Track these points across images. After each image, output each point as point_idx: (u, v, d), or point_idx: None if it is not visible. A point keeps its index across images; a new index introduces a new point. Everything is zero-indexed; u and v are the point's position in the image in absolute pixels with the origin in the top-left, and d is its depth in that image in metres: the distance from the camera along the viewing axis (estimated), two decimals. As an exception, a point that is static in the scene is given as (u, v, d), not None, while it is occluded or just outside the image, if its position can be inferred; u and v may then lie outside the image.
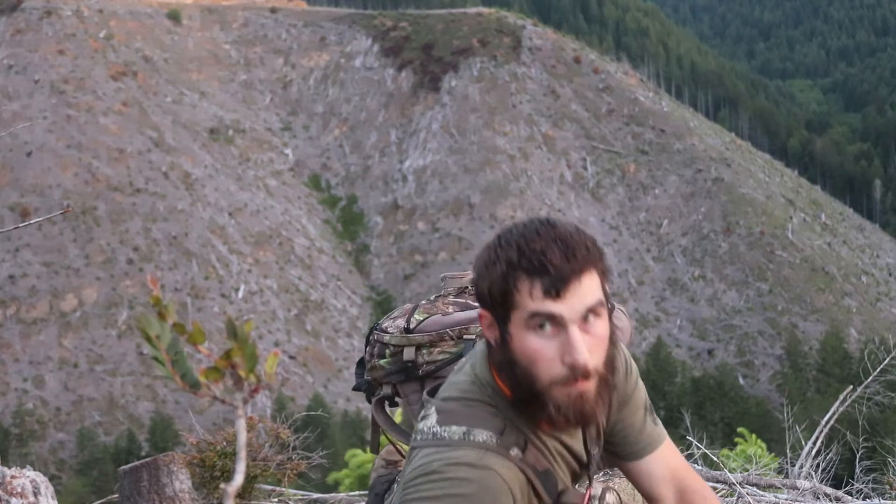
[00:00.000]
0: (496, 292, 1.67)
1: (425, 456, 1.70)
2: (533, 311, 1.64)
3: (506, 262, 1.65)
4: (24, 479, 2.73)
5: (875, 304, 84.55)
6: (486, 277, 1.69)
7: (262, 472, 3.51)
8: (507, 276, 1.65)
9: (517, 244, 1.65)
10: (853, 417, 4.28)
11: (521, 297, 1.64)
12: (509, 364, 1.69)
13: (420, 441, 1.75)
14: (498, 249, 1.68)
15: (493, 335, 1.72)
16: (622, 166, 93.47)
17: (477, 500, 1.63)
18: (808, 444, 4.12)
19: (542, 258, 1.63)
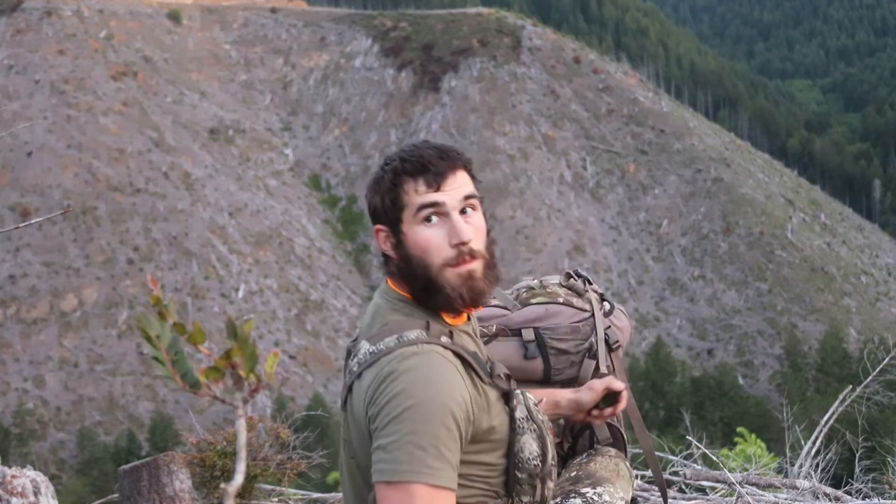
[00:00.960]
0: (387, 200, 1.93)
1: (373, 370, 1.86)
2: (420, 203, 1.91)
3: (392, 172, 1.93)
4: (24, 478, 2.74)
5: (874, 303, 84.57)
6: (377, 192, 1.96)
7: (262, 472, 3.51)
8: (395, 182, 1.92)
9: (399, 156, 1.95)
10: (853, 417, 4.29)
11: (409, 196, 1.91)
12: (406, 261, 1.94)
13: (363, 365, 1.90)
14: (384, 167, 1.96)
15: (389, 244, 1.98)
16: (622, 166, 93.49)
17: (434, 376, 1.82)
18: (808, 443, 4.13)
19: (421, 159, 1.92)
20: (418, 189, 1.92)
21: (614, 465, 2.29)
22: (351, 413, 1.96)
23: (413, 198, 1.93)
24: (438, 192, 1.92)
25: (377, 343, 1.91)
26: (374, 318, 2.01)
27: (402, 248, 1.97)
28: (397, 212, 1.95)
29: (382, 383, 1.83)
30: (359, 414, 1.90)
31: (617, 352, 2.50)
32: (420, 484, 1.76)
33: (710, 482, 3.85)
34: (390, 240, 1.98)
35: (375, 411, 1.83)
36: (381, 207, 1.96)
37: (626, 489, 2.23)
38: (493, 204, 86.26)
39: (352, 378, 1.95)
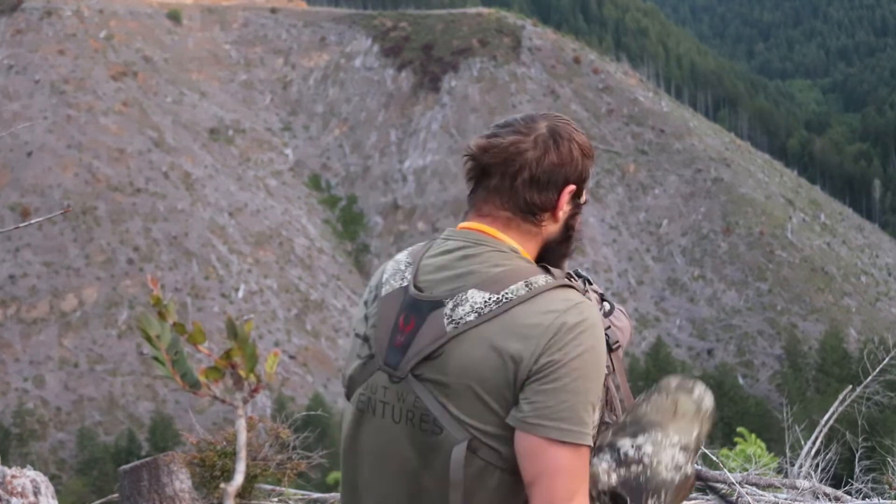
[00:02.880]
0: (589, 169, 2.00)
1: (577, 309, 1.84)
2: (588, 187, 2.04)
3: (583, 154, 1.98)
4: (24, 478, 2.74)
5: (874, 303, 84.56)
6: (589, 157, 2.00)
7: (262, 472, 3.51)
8: (586, 164, 1.98)
9: (582, 142, 2.01)
10: (852, 417, 4.28)
11: (588, 178, 2.00)
12: (566, 228, 2.00)
13: (495, 313, 1.82)
14: (575, 144, 1.98)
15: (568, 206, 1.99)
16: (622, 166, 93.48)
17: (601, 333, 1.88)
18: (808, 443, 4.13)
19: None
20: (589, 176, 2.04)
21: (671, 402, 1.99)
22: (469, 364, 1.81)
23: (589, 181, 2.02)
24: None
25: (501, 290, 1.82)
26: (470, 263, 1.90)
27: (570, 221, 2.00)
28: (583, 182, 1.99)
29: (569, 333, 1.78)
30: (498, 362, 1.78)
31: (617, 352, 2.46)
32: (586, 447, 1.75)
33: (711, 482, 3.84)
34: (570, 203, 1.98)
35: (553, 360, 1.76)
36: (584, 173, 1.98)
37: (686, 429, 1.95)
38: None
39: (467, 326, 1.81)
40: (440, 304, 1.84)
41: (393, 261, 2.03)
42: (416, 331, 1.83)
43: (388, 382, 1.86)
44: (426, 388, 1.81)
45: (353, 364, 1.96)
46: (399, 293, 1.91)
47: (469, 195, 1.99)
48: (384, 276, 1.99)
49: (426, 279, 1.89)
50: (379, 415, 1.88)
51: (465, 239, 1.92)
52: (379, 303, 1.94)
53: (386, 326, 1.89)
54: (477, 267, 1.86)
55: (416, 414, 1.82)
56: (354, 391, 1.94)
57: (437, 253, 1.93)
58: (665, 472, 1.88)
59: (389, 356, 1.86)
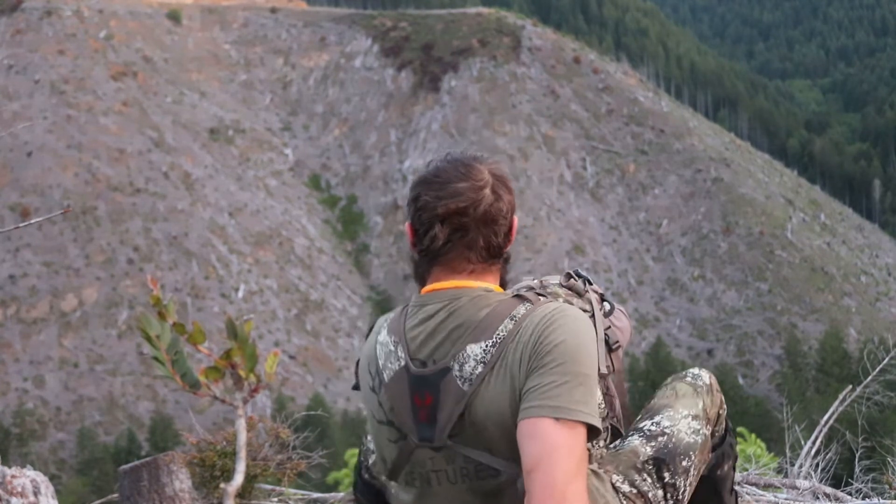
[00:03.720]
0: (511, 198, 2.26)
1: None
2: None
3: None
4: (24, 478, 2.74)
5: (874, 303, 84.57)
6: (510, 191, 2.20)
7: (261, 472, 3.51)
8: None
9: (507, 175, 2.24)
10: (852, 417, 4.28)
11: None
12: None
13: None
14: (507, 180, 2.19)
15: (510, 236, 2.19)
16: (622, 166, 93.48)
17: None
18: (808, 443, 4.13)
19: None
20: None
21: (671, 390, 2.38)
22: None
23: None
24: None
25: (493, 334, 2.02)
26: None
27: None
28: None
29: (545, 330, 1.99)
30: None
31: (617, 352, 2.49)
32: (582, 425, 1.84)
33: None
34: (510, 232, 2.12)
35: (537, 356, 1.94)
36: (512, 203, 2.12)
37: (691, 403, 2.31)
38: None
39: (479, 378, 1.96)
40: (447, 370, 1.95)
41: (378, 344, 2.08)
42: (436, 402, 1.95)
43: (431, 453, 1.97)
44: (466, 444, 1.93)
45: (388, 449, 2.06)
46: (402, 374, 2.00)
47: (430, 252, 2.03)
48: (380, 361, 2.05)
49: (422, 351, 1.98)
50: (436, 483, 1.99)
51: (440, 299, 2.01)
52: (386, 388, 2.03)
53: (405, 408, 1.99)
54: (463, 321, 1.96)
55: (470, 469, 1.94)
56: (400, 472, 2.05)
57: (420, 321, 2.01)
58: (687, 437, 2.25)
59: (421, 432, 1.97)
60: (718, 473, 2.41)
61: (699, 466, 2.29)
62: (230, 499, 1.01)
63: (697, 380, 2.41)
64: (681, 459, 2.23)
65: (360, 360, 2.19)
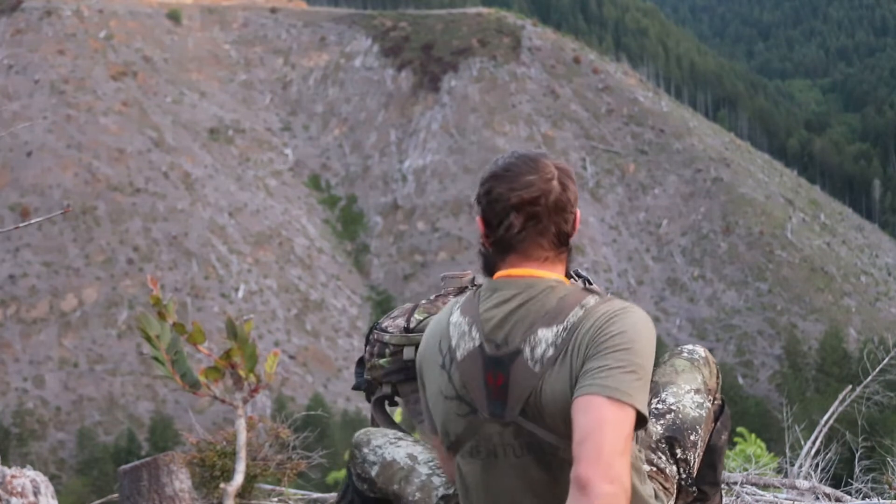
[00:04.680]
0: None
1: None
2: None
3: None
4: (24, 478, 2.74)
5: (874, 303, 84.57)
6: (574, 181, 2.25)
7: (261, 472, 3.51)
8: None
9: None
10: (852, 417, 4.28)
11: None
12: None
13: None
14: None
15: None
16: (622, 166, 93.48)
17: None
18: (808, 443, 4.12)
19: None
20: None
21: (670, 366, 2.55)
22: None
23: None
24: None
25: (564, 319, 2.14)
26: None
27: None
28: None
29: (606, 319, 2.13)
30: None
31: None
32: (631, 408, 1.94)
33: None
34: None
35: (595, 343, 2.08)
36: (576, 194, 2.21)
37: (690, 378, 2.49)
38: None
39: (551, 361, 2.09)
40: (518, 352, 2.09)
41: (451, 324, 2.21)
42: (507, 382, 2.08)
43: (500, 428, 2.10)
44: (534, 422, 2.07)
45: (455, 423, 2.17)
46: (476, 353, 2.13)
47: (505, 241, 2.16)
48: (452, 340, 2.18)
49: (496, 333, 2.12)
50: (502, 456, 2.12)
51: (516, 286, 2.15)
52: (459, 366, 2.15)
53: (477, 385, 2.12)
54: (537, 307, 2.11)
55: (535, 444, 2.09)
56: (464, 444, 2.17)
57: (495, 305, 2.15)
58: (692, 412, 2.43)
59: (492, 408, 2.10)
60: (719, 443, 2.55)
61: (705, 438, 2.47)
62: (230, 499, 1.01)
63: (693, 354, 2.57)
64: (689, 434, 2.42)
65: (427, 340, 2.29)
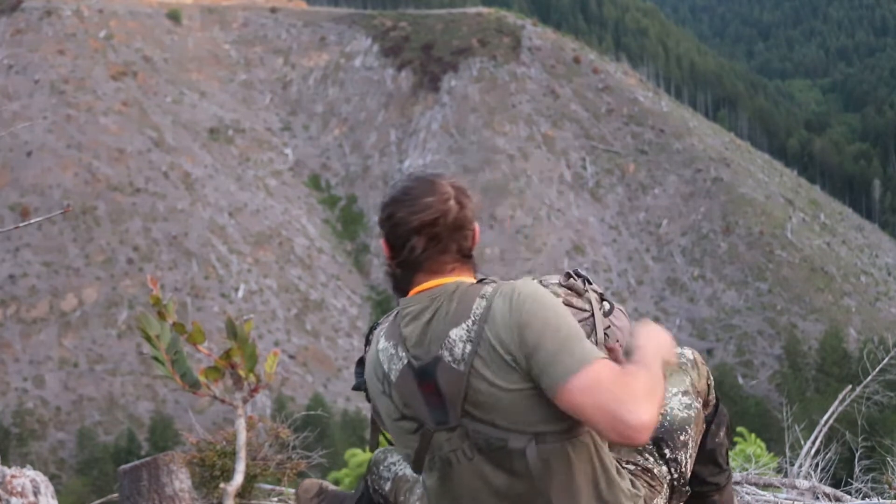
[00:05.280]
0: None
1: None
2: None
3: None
4: (24, 478, 2.74)
5: (874, 303, 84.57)
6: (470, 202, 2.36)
7: (261, 472, 3.51)
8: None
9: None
10: (852, 417, 4.28)
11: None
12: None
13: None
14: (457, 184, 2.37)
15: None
16: (622, 166, 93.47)
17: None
18: (808, 443, 4.12)
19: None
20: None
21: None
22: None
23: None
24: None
25: (470, 314, 2.25)
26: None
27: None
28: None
29: (518, 302, 2.21)
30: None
31: (617, 351, 2.51)
32: (598, 359, 2.03)
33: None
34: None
35: (521, 329, 2.15)
36: (473, 210, 2.32)
37: (678, 381, 2.53)
38: (493, 204, 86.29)
39: (470, 356, 2.17)
40: (438, 358, 2.15)
41: (379, 351, 2.29)
42: (437, 388, 2.15)
43: (448, 435, 2.17)
44: (476, 420, 2.13)
45: (409, 441, 2.24)
46: (406, 370, 2.20)
47: (410, 262, 2.26)
48: (384, 366, 2.25)
49: (417, 348, 2.19)
50: (455, 462, 2.19)
51: (424, 300, 2.22)
52: (396, 387, 2.22)
53: (416, 399, 2.19)
54: (443, 312, 2.18)
55: (481, 442, 2.14)
56: (423, 460, 2.24)
57: (410, 321, 2.23)
58: (680, 413, 2.47)
59: (435, 416, 2.18)
60: (716, 440, 2.63)
61: (696, 438, 2.51)
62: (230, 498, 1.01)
63: (681, 357, 2.62)
64: (678, 435, 2.45)
65: (367, 371, 2.37)
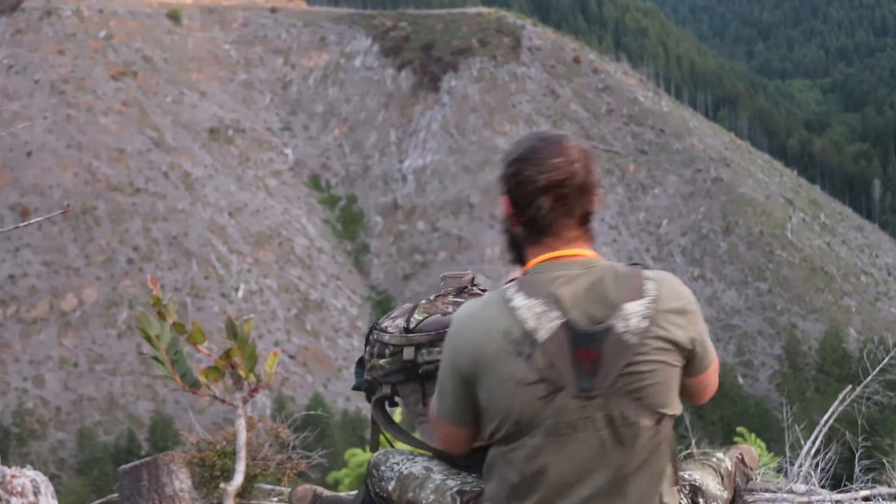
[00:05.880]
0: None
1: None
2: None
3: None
4: (24, 478, 2.74)
5: (874, 303, 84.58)
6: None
7: (261, 472, 3.52)
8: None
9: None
10: (852, 417, 4.28)
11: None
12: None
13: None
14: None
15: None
16: (622, 166, 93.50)
17: None
18: (808, 443, 4.12)
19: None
20: None
21: (697, 463, 2.87)
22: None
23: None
24: None
25: (642, 288, 2.33)
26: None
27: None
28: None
29: (687, 310, 2.38)
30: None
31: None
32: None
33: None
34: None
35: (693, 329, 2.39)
36: (597, 175, 2.39)
37: (713, 474, 2.80)
38: (493, 204, 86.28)
39: (645, 330, 2.25)
40: (610, 327, 2.16)
41: (516, 309, 2.20)
42: (600, 356, 2.15)
43: (583, 403, 2.17)
44: (622, 394, 2.17)
45: (530, 407, 2.19)
46: (561, 331, 2.16)
47: (535, 222, 2.26)
48: (528, 324, 2.18)
49: (575, 310, 2.18)
50: (582, 429, 2.19)
51: (576, 266, 2.24)
52: (542, 346, 2.16)
53: (565, 363, 2.15)
54: (610, 284, 2.21)
55: (616, 416, 2.18)
56: (536, 428, 2.20)
57: (565, 282, 2.21)
58: (713, 489, 2.72)
59: (581, 383, 2.16)
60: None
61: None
62: (230, 499, 1.01)
63: (721, 463, 2.89)
64: (710, 500, 2.66)
65: (481, 335, 2.23)
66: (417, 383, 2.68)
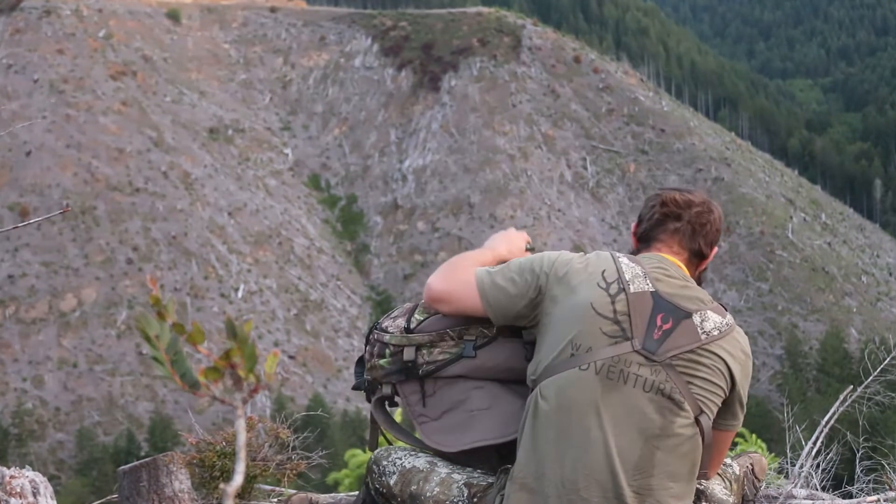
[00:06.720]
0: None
1: (737, 345, 2.53)
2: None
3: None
4: (23, 479, 2.73)
5: (875, 303, 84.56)
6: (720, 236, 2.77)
7: (261, 472, 3.50)
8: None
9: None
10: (853, 417, 4.27)
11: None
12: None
13: (724, 333, 2.49)
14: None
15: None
16: (622, 166, 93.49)
17: None
18: (808, 444, 4.12)
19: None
20: None
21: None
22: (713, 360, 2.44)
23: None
24: None
25: (725, 316, 2.49)
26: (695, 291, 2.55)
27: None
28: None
29: (748, 360, 2.53)
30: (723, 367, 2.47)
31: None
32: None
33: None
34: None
35: (739, 394, 2.52)
36: (719, 233, 2.72)
37: (719, 481, 2.84)
38: (493, 204, 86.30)
39: (714, 338, 2.43)
40: (689, 315, 2.40)
41: (623, 262, 2.47)
42: (671, 330, 2.37)
43: (643, 361, 2.35)
44: (677, 373, 2.36)
45: (597, 339, 2.37)
46: (648, 296, 2.40)
47: (646, 230, 2.59)
48: (625, 275, 2.44)
49: (668, 291, 2.42)
50: (630, 384, 2.34)
51: (673, 267, 2.51)
52: (630, 297, 2.39)
53: (643, 320, 2.37)
54: (701, 295, 2.47)
55: (666, 388, 2.35)
56: (590, 360, 2.35)
57: (657, 267, 2.47)
58: (720, 494, 2.79)
59: (647, 343, 2.35)
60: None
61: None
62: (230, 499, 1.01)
63: (727, 469, 2.95)
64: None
65: (579, 260, 2.51)
66: (418, 383, 2.67)
